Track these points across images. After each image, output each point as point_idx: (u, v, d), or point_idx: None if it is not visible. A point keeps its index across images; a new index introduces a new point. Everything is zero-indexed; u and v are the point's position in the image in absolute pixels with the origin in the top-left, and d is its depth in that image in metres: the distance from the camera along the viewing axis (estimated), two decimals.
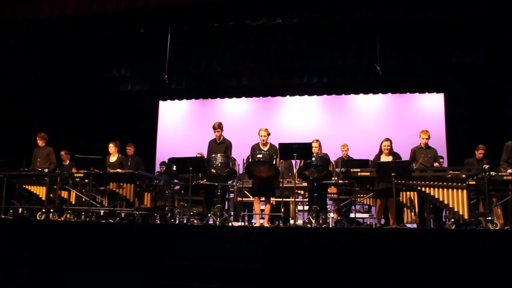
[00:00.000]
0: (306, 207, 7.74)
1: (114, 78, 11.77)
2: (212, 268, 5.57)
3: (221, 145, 7.66)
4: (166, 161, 7.99)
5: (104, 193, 8.31)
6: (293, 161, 7.20)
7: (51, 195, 8.05)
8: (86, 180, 7.83)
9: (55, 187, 8.05)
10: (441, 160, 8.68)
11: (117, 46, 10.86)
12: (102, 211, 8.00)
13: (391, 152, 7.37)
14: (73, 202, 8.22)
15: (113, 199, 8.13)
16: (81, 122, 11.57)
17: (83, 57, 11.02)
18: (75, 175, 8.05)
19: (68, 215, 7.75)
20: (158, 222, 8.24)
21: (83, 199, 8.13)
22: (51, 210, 7.65)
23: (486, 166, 6.68)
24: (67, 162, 9.41)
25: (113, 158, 8.59)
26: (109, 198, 8.23)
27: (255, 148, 7.40)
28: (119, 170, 8.13)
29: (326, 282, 5.47)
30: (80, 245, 6.25)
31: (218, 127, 7.68)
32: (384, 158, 7.29)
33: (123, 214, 7.96)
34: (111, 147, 8.61)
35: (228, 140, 7.75)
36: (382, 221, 7.64)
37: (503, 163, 7.39)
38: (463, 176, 6.60)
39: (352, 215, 8.53)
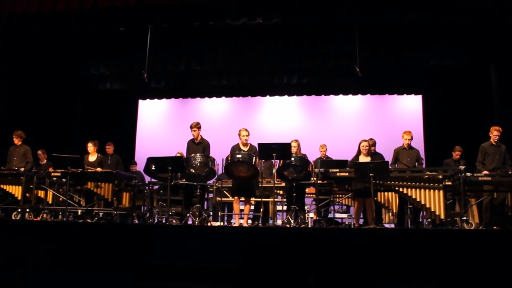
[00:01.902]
0: (285, 207, 7.76)
1: (93, 76, 11.63)
2: (191, 268, 5.54)
3: (199, 145, 7.63)
4: (145, 161, 7.92)
5: (82, 193, 8.21)
6: (274, 161, 7.22)
7: (27, 194, 7.92)
8: (64, 180, 7.72)
9: (31, 186, 7.91)
10: (422, 161, 8.79)
11: (96, 44, 10.70)
12: (79, 211, 7.91)
13: (370, 153, 7.45)
14: (50, 202, 8.12)
15: (91, 198, 8.04)
16: (58, 120, 11.42)
17: (60, 54, 10.84)
18: (52, 174, 7.93)
19: (44, 215, 7.64)
20: (137, 222, 8.17)
21: (60, 199, 8.02)
22: (27, 210, 7.52)
23: (462, 167, 6.78)
24: (44, 161, 9.28)
25: (92, 158, 8.49)
26: (86, 198, 8.12)
27: (235, 148, 7.42)
28: (98, 169, 8.05)
29: (305, 282, 5.50)
30: (56, 245, 6.16)
31: (195, 126, 7.65)
32: (363, 159, 7.35)
33: (101, 214, 7.88)
34: (90, 147, 8.51)
35: (206, 140, 7.73)
36: (361, 221, 7.70)
37: (478, 164, 7.52)
38: (440, 176, 6.69)
39: (330, 215, 8.59)
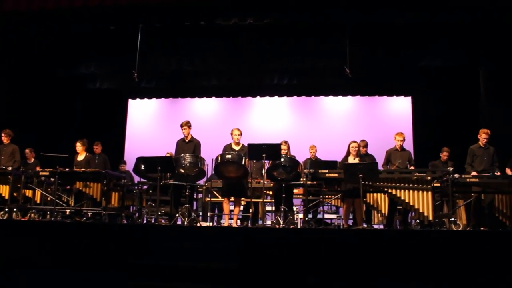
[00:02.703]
0: (274, 208, 7.77)
1: (83, 76, 11.60)
2: (180, 268, 5.54)
3: (189, 144, 7.62)
4: (134, 160, 7.89)
5: (71, 192, 8.16)
6: (264, 162, 7.23)
7: (14, 194, 7.87)
8: (52, 179, 7.67)
9: (19, 185, 7.85)
10: (413, 162, 8.83)
11: (86, 43, 10.65)
12: (68, 211, 7.86)
13: (360, 154, 7.48)
14: (38, 202, 8.05)
15: (80, 198, 7.99)
16: (47, 119, 11.32)
17: (50, 53, 10.78)
18: (41, 173, 7.87)
19: (32, 215, 7.58)
20: (125, 222, 8.14)
21: (49, 198, 7.96)
22: (14, 210, 7.47)
23: (450, 169, 6.82)
24: (32, 160, 9.20)
25: (80, 157, 8.43)
26: (75, 198, 8.07)
27: (227, 148, 7.43)
28: (84, 169, 8.01)
29: (294, 282, 5.51)
30: (44, 245, 6.11)
31: (186, 125, 7.64)
32: (352, 160, 7.38)
33: (89, 213, 7.83)
34: (78, 146, 8.45)
35: (197, 139, 7.72)
36: (351, 222, 7.73)
37: (467, 166, 7.58)
38: (428, 178, 6.74)
39: (320, 216, 8.61)
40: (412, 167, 7.66)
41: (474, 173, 7.27)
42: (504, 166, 7.70)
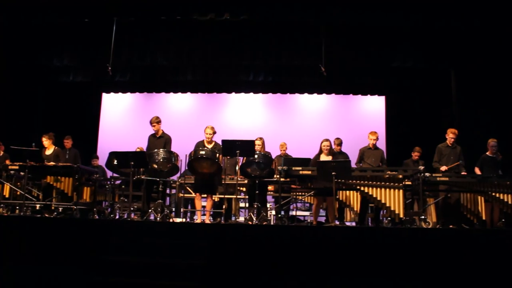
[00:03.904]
0: (247, 204, 7.78)
1: (55, 68, 11.37)
2: (152, 264, 5.51)
3: (160, 140, 7.57)
4: (107, 155, 7.80)
5: (41, 187, 8.01)
6: (238, 158, 7.23)
7: None
8: (22, 173, 7.52)
9: None
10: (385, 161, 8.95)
11: (59, 34, 10.45)
12: (38, 205, 7.72)
13: (332, 152, 7.55)
14: (7, 196, 7.89)
15: (49, 193, 7.85)
16: (17, 111, 11.08)
17: (22, 43, 10.55)
18: (10, 167, 7.71)
19: (0, 209, 7.43)
20: (97, 217, 8.05)
21: (18, 193, 7.81)
22: None
23: (422, 167, 6.94)
24: (1, 153, 9.00)
25: (48, 151, 8.27)
26: (44, 192, 7.92)
27: (199, 145, 7.39)
28: (53, 163, 7.87)
29: (266, 278, 5.54)
30: (13, 240, 6.01)
31: (155, 121, 7.59)
32: (324, 158, 7.44)
33: (60, 208, 7.71)
34: (45, 141, 8.25)
35: (168, 134, 7.67)
36: (323, 219, 7.79)
37: (434, 163, 7.74)
38: (400, 176, 6.85)
39: (293, 212, 8.65)
40: (384, 166, 7.78)
41: (443, 167, 7.42)
42: (473, 165, 7.87)
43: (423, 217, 6.69)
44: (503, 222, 7.26)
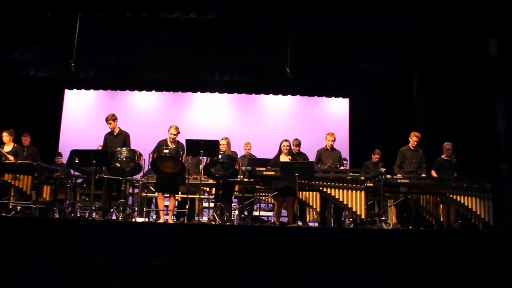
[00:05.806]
0: (212, 204, 7.77)
1: (15, 62, 11.04)
2: (114, 264, 5.44)
3: (118, 137, 7.45)
4: (69, 153, 7.65)
5: None
6: (201, 158, 7.21)
7: None
8: None
9: None
10: (344, 162, 9.09)
11: (21, 28, 10.17)
12: None
13: (291, 153, 7.60)
14: None
15: (5, 191, 7.63)
16: None
17: None
18: None
19: None
20: (57, 216, 7.88)
21: None
22: None
23: (383, 170, 7.08)
24: None
25: (7, 148, 8.05)
26: (2, 190, 7.70)
27: (162, 144, 7.32)
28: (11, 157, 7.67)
29: (229, 278, 5.55)
30: None
31: (111, 119, 7.45)
32: (283, 158, 7.50)
33: (19, 207, 7.51)
34: (5, 136, 8.04)
35: (125, 131, 7.55)
36: (286, 219, 7.85)
37: (395, 168, 7.89)
38: (362, 178, 6.97)
39: (256, 213, 8.69)
40: (342, 167, 7.89)
41: (400, 175, 7.59)
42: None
43: (383, 218, 6.82)
44: (459, 223, 7.49)
